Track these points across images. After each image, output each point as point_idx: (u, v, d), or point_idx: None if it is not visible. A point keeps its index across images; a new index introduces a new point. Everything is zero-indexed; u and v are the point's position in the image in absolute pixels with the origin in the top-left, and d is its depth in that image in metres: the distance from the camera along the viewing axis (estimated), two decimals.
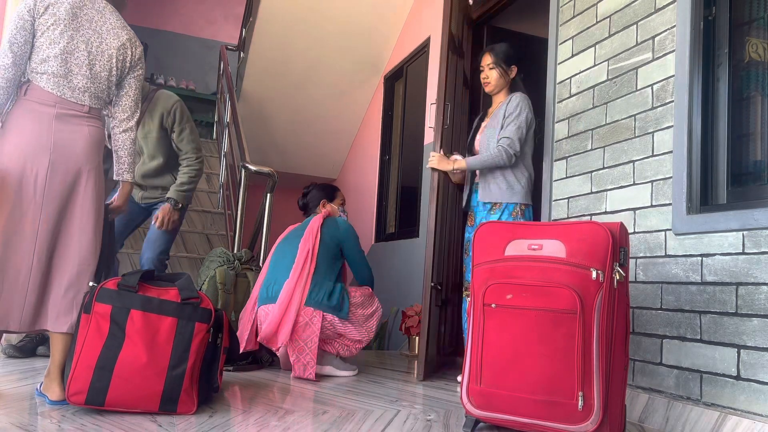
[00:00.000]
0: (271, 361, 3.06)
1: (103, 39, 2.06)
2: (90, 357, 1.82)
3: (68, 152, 1.97)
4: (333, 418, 1.96)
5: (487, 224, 1.90)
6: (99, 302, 1.87)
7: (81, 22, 2.03)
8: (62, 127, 1.98)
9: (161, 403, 1.85)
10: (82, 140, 2.00)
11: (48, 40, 1.97)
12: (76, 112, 2.01)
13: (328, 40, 5.27)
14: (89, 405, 1.81)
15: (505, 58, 2.84)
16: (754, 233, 1.85)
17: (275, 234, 3.35)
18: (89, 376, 1.80)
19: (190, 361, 1.89)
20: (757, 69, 2.04)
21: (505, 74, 2.84)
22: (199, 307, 1.94)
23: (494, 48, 2.87)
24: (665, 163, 2.19)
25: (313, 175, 6.49)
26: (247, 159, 3.85)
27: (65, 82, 1.99)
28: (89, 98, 2.04)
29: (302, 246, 2.85)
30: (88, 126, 2.03)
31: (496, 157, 2.66)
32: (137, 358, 1.83)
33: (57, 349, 1.96)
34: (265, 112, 5.78)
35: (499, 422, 1.78)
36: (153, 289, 1.94)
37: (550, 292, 1.70)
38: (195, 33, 7.79)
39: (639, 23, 2.38)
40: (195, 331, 1.91)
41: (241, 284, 3.11)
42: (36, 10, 1.97)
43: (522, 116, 2.70)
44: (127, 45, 2.10)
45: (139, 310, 1.88)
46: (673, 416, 1.99)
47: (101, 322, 1.86)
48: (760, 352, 1.80)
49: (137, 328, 1.86)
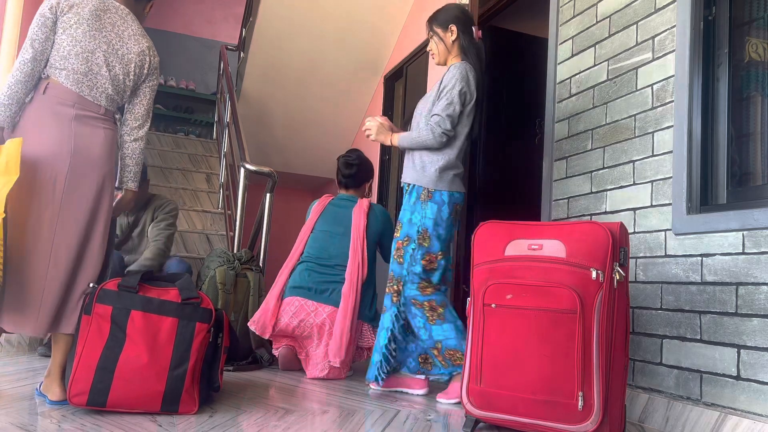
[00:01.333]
0: (271, 361, 3.07)
1: (124, 43, 2.06)
2: (91, 358, 1.82)
3: (87, 157, 1.96)
4: (333, 418, 1.96)
5: (487, 224, 1.90)
6: (99, 303, 1.87)
7: (104, 25, 2.03)
8: (81, 130, 1.97)
9: (163, 404, 1.85)
10: (99, 144, 1.99)
11: (70, 37, 1.97)
12: (93, 113, 2.00)
13: (328, 40, 5.27)
14: (91, 406, 1.81)
15: (442, 21, 2.49)
16: (754, 233, 1.85)
17: (275, 234, 3.36)
18: (90, 377, 1.80)
19: (191, 361, 1.89)
20: (757, 69, 2.04)
21: (444, 39, 2.48)
22: (200, 307, 1.95)
23: (431, 15, 2.56)
24: (665, 163, 2.19)
25: (313, 175, 6.49)
26: (247, 159, 3.85)
27: (85, 80, 1.99)
28: (105, 100, 2.03)
29: (353, 251, 2.84)
30: (104, 129, 2.02)
31: (423, 135, 2.35)
32: (138, 359, 1.83)
33: (59, 349, 1.96)
34: (265, 112, 5.78)
35: (499, 422, 1.78)
36: (153, 289, 1.94)
37: (550, 292, 1.70)
38: (195, 33, 7.79)
39: (639, 23, 2.38)
40: (196, 331, 1.91)
41: (241, 284, 3.11)
42: (60, 8, 1.97)
43: (455, 90, 2.34)
44: (147, 52, 2.10)
45: (140, 311, 1.88)
46: (673, 416, 1.99)
47: (102, 324, 1.86)
48: (760, 352, 1.80)
49: (138, 328, 1.86)
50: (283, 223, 7.05)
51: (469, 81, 2.37)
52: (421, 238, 2.35)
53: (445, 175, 2.36)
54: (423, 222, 2.35)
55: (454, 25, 2.46)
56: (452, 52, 2.49)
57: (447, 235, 2.37)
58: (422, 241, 2.35)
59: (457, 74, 2.36)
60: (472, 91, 2.38)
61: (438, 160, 2.36)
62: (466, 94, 2.36)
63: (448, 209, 2.35)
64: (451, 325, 2.31)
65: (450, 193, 2.36)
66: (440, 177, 2.35)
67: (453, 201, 2.37)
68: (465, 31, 2.47)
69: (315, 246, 2.92)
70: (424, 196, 2.36)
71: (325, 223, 2.97)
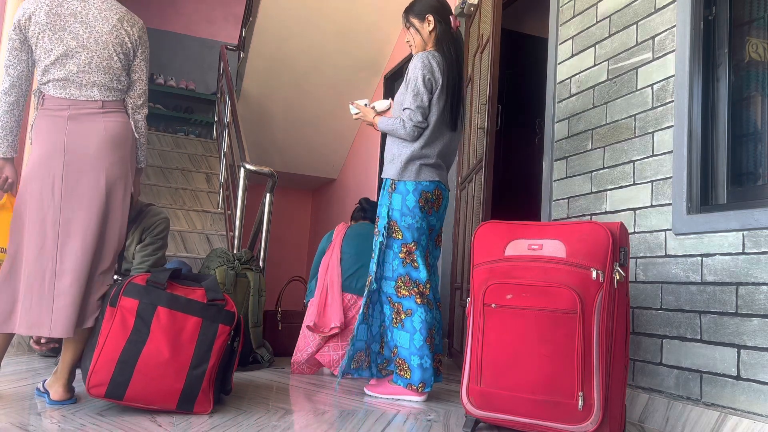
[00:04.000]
0: (271, 361, 3.07)
1: (92, 28, 1.98)
2: (113, 350, 1.81)
3: (83, 154, 1.94)
4: (333, 418, 1.96)
5: (487, 224, 1.90)
6: (126, 296, 1.86)
7: (65, 19, 1.96)
8: (75, 127, 1.95)
9: (179, 402, 1.85)
10: (95, 138, 1.96)
11: (42, 50, 1.95)
12: (90, 109, 1.97)
13: (328, 40, 5.27)
14: (108, 398, 1.80)
15: (418, 12, 2.45)
16: (754, 233, 1.85)
17: (275, 234, 3.37)
18: (111, 369, 1.79)
19: (211, 361, 1.89)
20: (757, 69, 2.04)
21: (421, 29, 2.44)
22: (224, 309, 1.95)
23: (407, 6, 2.51)
24: (665, 163, 2.19)
25: (313, 175, 6.49)
26: (247, 159, 3.85)
27: (70, 84, 1.96)
28: (99, 92, 1.99)
29: None
30: (105, 121, 1.98)
31: (397, 126, 2.34)
32: (160, 355, 1.83)
33: (69, 349, 1.94)
34: (265, 112, 5.78)
35: (499, 422, 1.78)
36: (180, 287, 1.94)
37: (550, 292, 1.70)
38: (195, 33, 7.78)
39: (639, 23, 2.38)
40: (218, 333, 1.92)
41: (241, 284, 3.11)
42: (21, 25, 1.94)
43: (419, 80, 2.31)
44: (119, 25, 2.01)
45: (166, 308, 1.87)
46: (673, 416, 1.99)
47: (127, 317, 1.85)
48: (760, 352, 1.80)
49: (163, 325, 1.85)
50: (283, 223, 7.05)
51: (432, 68, 2.33)
52: (392, 230, 2.34)
53: (410, 166, 2.33)
54: (391, 214, 2.34)
55: (431, 15, 2.42)
56: (429, 43, 2.45)
57: (416, 224, 2.32)
58: (394, 234, 2.33)
59: (419, 64, 2.33)
60: (437, 78, 2.33)
61: (404, 152, 2.34)
62: (431, 81, 2.33)
63: (414, 198, 2.31)
64: (408, 334, 2.28)
65: (416, 182, 2.32)
66: (405, 168, 2.33)
67: (420, 189, 2.32)
68: (442, 21, 2.43)
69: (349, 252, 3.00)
70: (390, 188, 2.36)
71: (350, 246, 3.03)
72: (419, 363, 2.25)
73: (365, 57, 5.47)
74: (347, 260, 2.96)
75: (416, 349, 2.26)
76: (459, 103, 2.42)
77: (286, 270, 5.84)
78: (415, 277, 2.31)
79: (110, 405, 1.95)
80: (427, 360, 2.26)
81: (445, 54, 2.38)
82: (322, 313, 2.89)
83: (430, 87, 2.33)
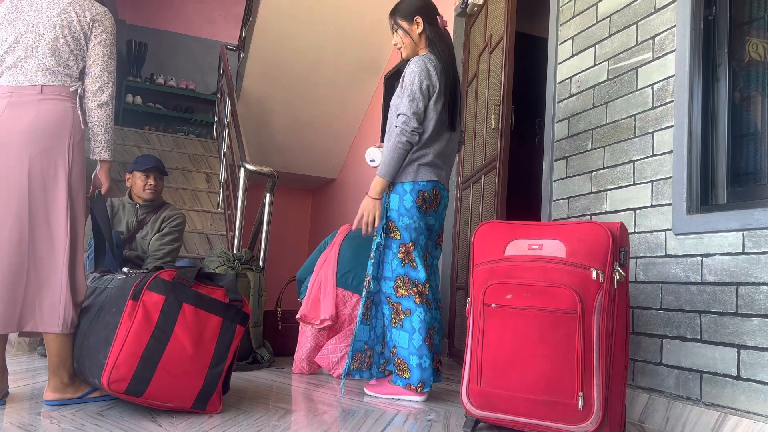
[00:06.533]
0: (271, 361, 3.07)
1: (42, 13, 1.96)
2: (136, 345, 1.76)
3: (6, 141, 1.87)
4: (333, 418, 1.96)
5: (487, 224, 1.90)
6: (151, 291, 1.82)
7: (22, 9, 1.98)
8: (9, 114, 1.89)
9: (195, 401, 1.85)
10: (23, 126, 1.88)
11: (0, 42, 1.96)
12: (29, 94, 1.91)
13: (328, 40, 5.27)
14: (127, 395, 1.77)
15: (406, 13, 2.41)
16: (754, 233, 1.85)
17: (275, 234, 3.36)
18: (134, 364, 1.75)
19: (228, 361, 1.90)
20: (757, 69, 2.04)
21: (410, 31, 2.41)
22: (241, 310, 1.96)
23: (393, 8, 2.48)
24: (665, 163, 2.19)
25: (313, 175, 6.49)
26: (247, 159, 3.85)
27: (17, 71, 1.93)
28: (43, 76, 1.93)
29: None
30: (38, 108, 1.90)
31: (396, 143, 2.27)
32: (184, 352, 1.82)
33: (49, 350, 1.91)
34: (265, 112, 5.77)
35: (499, 422, 1.78)
36: (203, 286, 1.93)
37: (550, 292, 1.70)
38: (195, 33, 7.78)
39: (639, 23, 2.38)
40: (236, 333, 1.93)
41: (241, 284, 3.11)
42: None
43: (415, 86, 2.28)
44: (69, 8, 1.97)
45: (192, 305, 1.86)
46: (673, 416, 1.99)
47: (151, 312, 1.80)
48: (760, 352, 1.80)
49: (188, 322, 1.84)
50: (283, 223, 7.05)
51: (430, 73, 2.31)
52: (390, 230, 2.34)
53: (409, 168, 2.32)
54: (389, 214, 2.34)
55: (419, 16, 2.39)
56: (420, 45, 2.42)
57: (414, 224, 2.31)
58: (393, 234, 2.33)
59: (416, 69, 2.30)
60: (434, 83, 2.31)
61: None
62: (428, 87, 2.30)
63: (412, 198, 2.31)
64: (407, 334, 2.28)
65: (413, 183, 2.31)
66: (403, 170, 2.32)
67: (417, 189, 2.31)
68: (430, 21, 2.40)
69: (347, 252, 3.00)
70: (389, 190, 2.35)
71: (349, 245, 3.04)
72: (418, 363, 2.25)
73: (365, 57, 5.47)
74: (345, 257, 2.96)
75: (415, 349, 2.26)
76: (456, 104, 2.42)
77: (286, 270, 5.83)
78: (414, 277, 2.31)
79: (110, 405, 1.95)
80: (426, 360, 2.26)
81: (440, 56, 2.37)
82: (314, 305, 2.89)
83: (427, 93, 2.31)
